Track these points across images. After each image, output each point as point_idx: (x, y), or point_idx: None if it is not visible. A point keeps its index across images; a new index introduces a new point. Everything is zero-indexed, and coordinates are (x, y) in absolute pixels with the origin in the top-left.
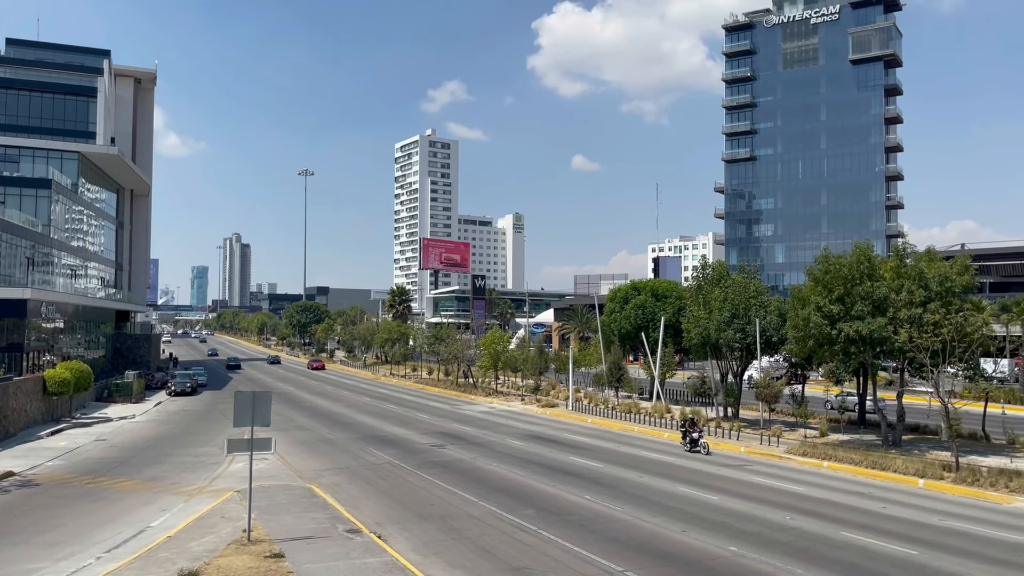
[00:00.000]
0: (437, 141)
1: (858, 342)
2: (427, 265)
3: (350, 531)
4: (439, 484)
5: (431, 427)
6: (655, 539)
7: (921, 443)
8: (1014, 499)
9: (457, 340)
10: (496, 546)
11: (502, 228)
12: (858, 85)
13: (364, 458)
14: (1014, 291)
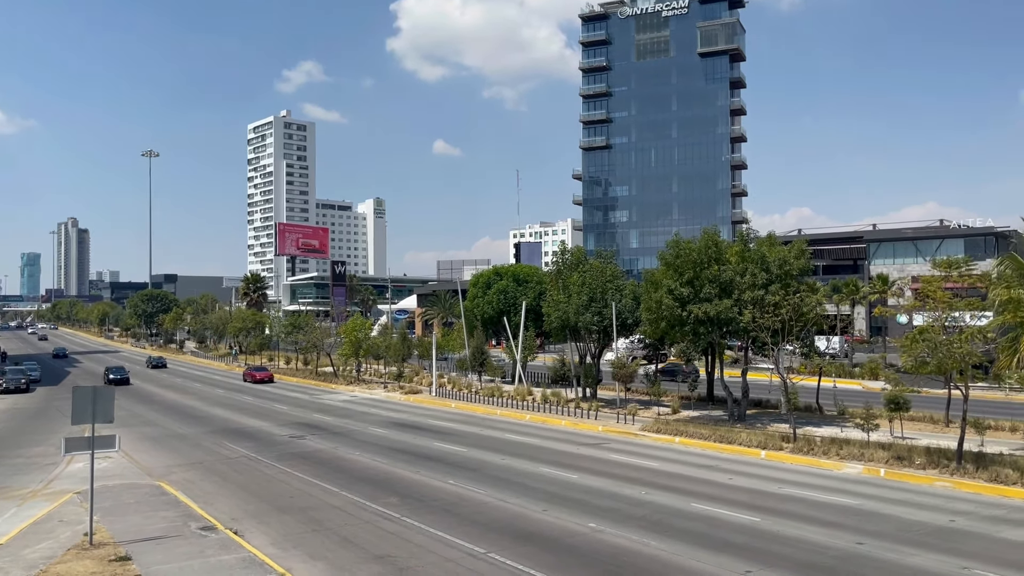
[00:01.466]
0: (292, 123)
1: (706, 323)
2: (283, 251)
3: (204, 528)
4: (299, 476)
5: (290, 418)
6: (518, 519)
7: (763, 417)
8: (844, 465)
9: (316, 328)
10: (359, 535)
11: (363, 213)
12: (706, 77)
13: (218, 452)
14: (844, 273)
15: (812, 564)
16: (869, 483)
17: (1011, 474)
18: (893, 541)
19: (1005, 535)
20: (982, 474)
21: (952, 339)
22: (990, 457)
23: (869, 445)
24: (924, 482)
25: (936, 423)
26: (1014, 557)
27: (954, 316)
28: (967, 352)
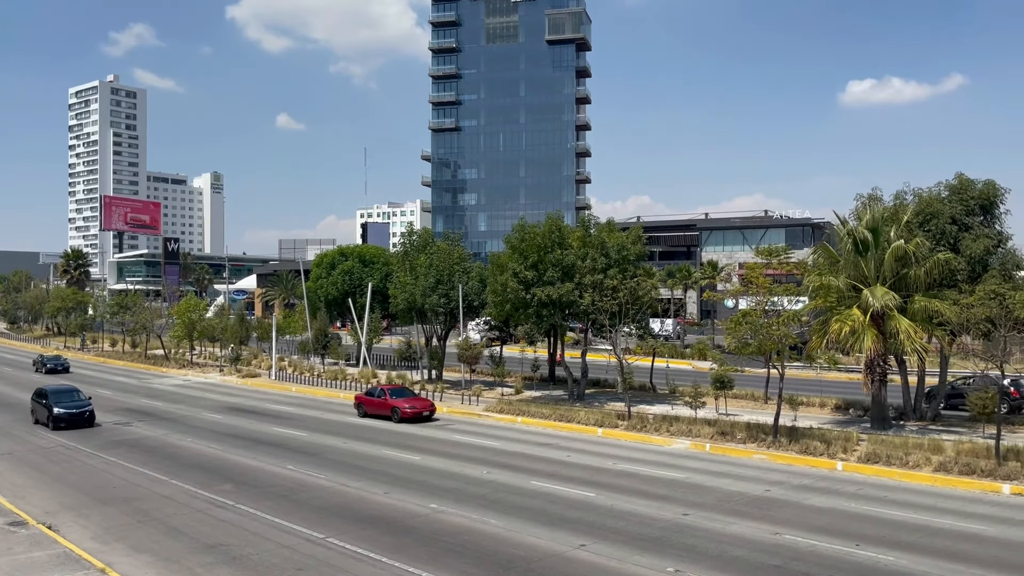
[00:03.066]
0: (121, 89)
1: (549, 305)
2: (110, 226)
3: (13, 524)
4: (124, 465)
5: (115, 403)
6: (359, 503)
7: (602, 396)
8: (673, 441)
9: (145, 308)
10: (189, 525)
11: (199, 188)
12: (553, 65)
13: (32, 442)
14: (678, 259)
15: (642, 535)
16: (696, 457)
17: (819, 446)
18: (715, 511)
19: (812, 502)
20: (794, 446)
21: (771, 322)
22: (802, 431)
23: (697, 422)
24: (744, 455)
25: (757, 400)
26: (819, 522)
27: (773, 301)
28: (784, 334)
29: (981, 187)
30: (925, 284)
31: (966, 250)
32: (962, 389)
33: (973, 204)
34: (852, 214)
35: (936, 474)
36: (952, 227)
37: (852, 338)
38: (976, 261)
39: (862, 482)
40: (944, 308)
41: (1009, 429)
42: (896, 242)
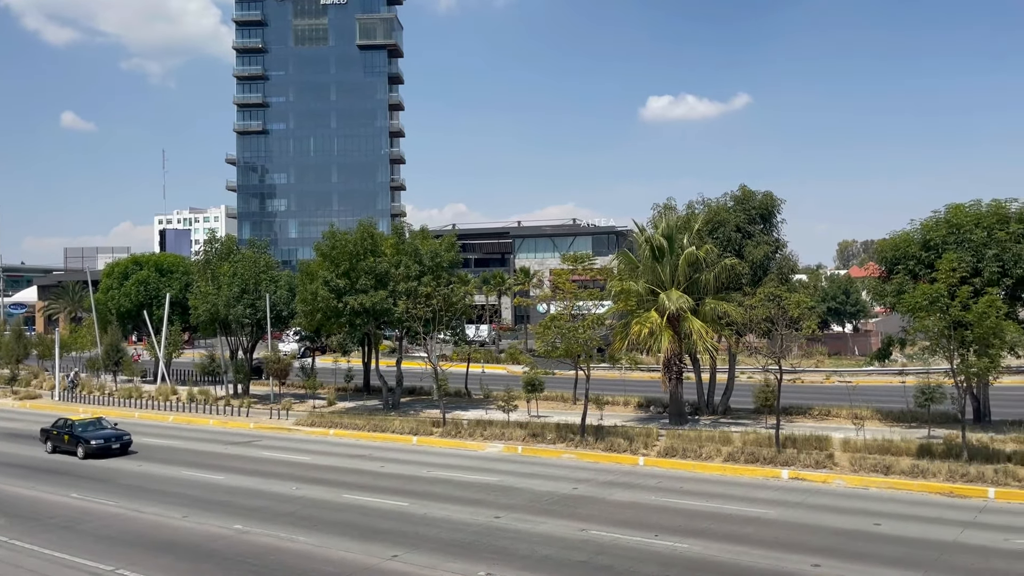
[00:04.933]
0: None
1: (363, 314)
2: None
3: None
4: None
5: None
6: (154, 529)
7: (417, 403)
8: (487, 445)
9: None
10: None
11: None
12: (365, 70)
13: None
14: (493, 266)
15: (455, 541)
16: (509, 460)
17: (623, 443)
18: (526, 512)
19: (616, 497)
20: (600, 445)
21: (577, 326)
22: (607, 429)
23: (509, 425)
24: (554, 455)
25: (566, 401)
26: (623, 516)
27: (579, 305)
28: (589, 337)
29: (761, 198)
30: (715, 287)
31: (749, 256)
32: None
33: (755, 213)
34: (650, 222)
35: (726, 464)
36: (737, 235)
37: (651, 339)
38: (758, 266)
39: (661, 475)
40: (730, 309)
41: (788, 419)
42: (689, 249)
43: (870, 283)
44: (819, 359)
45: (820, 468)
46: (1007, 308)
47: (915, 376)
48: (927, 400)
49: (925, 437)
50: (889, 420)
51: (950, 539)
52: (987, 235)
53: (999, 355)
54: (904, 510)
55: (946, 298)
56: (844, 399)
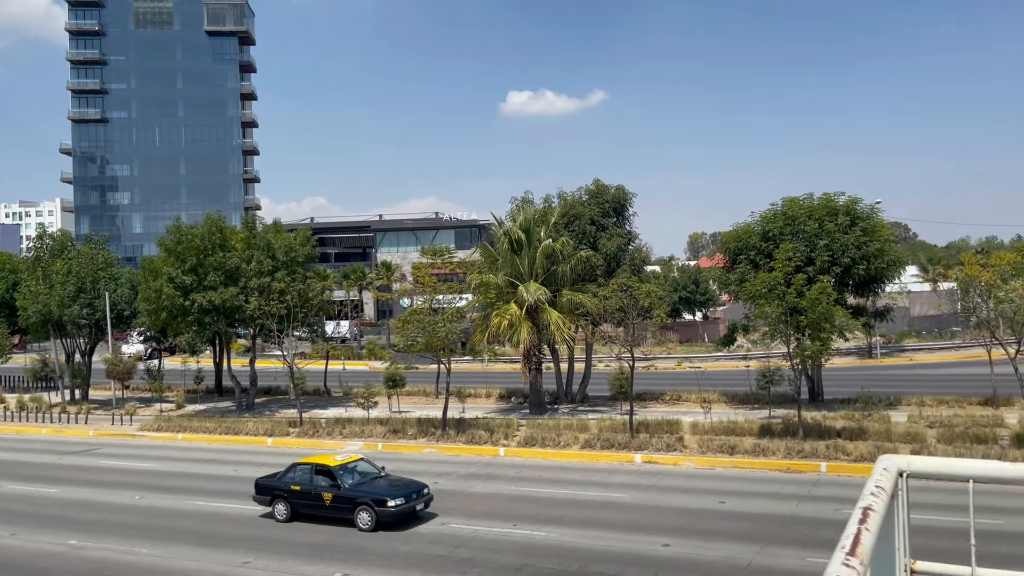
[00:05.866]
0: None
1: (212, 312)
2: None
3: None
4: None
5: None
6: None
7: (273, 404)
8: (346, 444)
9: None
10: None
11: None
12: (214, 57)
13: None
14: (354, 260)
15: (308, 543)
16: (369, 457)
17: (483, 434)
18: None
19: (477, 489)
20: (461, 437)
21: (437, 320)
22: (469, 421)
23: (370, 422)
24: (415, 451)
25: (429, 395)
26: (483, 508)
27: (439, 299)
28: (449, 330)
29: (614, 192)
30: (571, 279)
31: (603, 248)
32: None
33: (608, 207)
34: (508, 216)
35: (583, 451)
36: (592, 227)
37: (510, 331)
38: (611, 257)
39: (521, 465)
40: (586, 300)
41: (642, 405)
42: (546, 241)
43: (715, 273)
44: (671, 346)
45: (671, 451)
46: (836, 294)
47: (757, 360)
48: (767, 383)
49: (766, 418)
50: (734, 403)
51: (787, 513)
52: (819, 226)
53: (830, 338)
54: (747, 487)
55: (783, 286)
56: (694, 384)
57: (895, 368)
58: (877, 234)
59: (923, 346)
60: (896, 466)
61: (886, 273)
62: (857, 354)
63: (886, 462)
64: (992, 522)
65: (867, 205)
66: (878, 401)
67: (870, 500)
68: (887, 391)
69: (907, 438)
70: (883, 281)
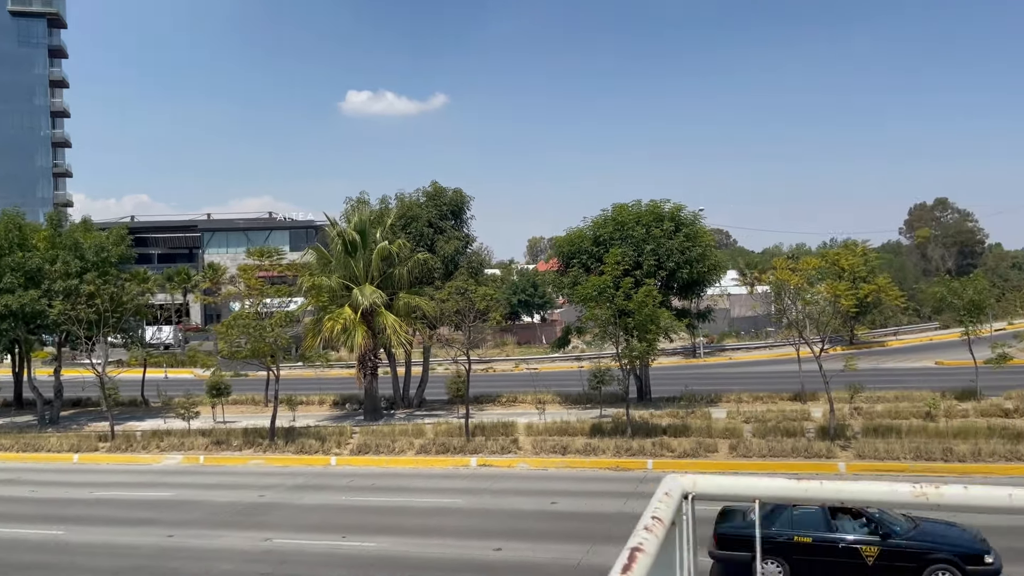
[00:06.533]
0: None
1: (9, 317)
2: None
3: None
4: None
5: None
6: None
7: (83, 416)
8: (164, 457)
9: None
10: None
11: None
12: (20, 40)
13: None
14: (180, 261)
15: (117, 569)
16: (188, 472)
17: (315, 443)
18: (204, 527)
19: (305, 501)
20: (291, 447)
21: (265, 324)
22: (299, 430)
23: (191, 433)
24: (240, 463)
25: (258, 404)
26: (311, 520)
27: (266, 302)
28: (277, 335)
29: (452, 194)
30: (408, 282)
31: (440, 250)
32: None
33: (446, 209)
34: (343, 217)
35: (418, 456)
36: (429, 230)
37: (344, 335)
38: (449, 260)
39: (354, 474)
40: (423, 303)
41: (479, 408)
42: (382, 243)
43: (550, 276)
44: (510, 348)
45: (506, 453)
46: (662, 297)
47: (590, 361)
48: (599, 383)
49: (598, 417)
50: (568, 403)
51: (615, 511)
52: (646, 232)
53: (656, 339)
54: (578, 487)
55: (612, 289)
56: (531, 385)
57: (717, 367)
58: (699, 240)
59: (741, 346)
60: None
61: (707, 277)
62: (683, 354)
63: (670, 484)
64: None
65: (690, 212)
66: (700, 399)
67: (641, 538)
68: (709, 389)
69: (726, 433)
70: (705, 284)
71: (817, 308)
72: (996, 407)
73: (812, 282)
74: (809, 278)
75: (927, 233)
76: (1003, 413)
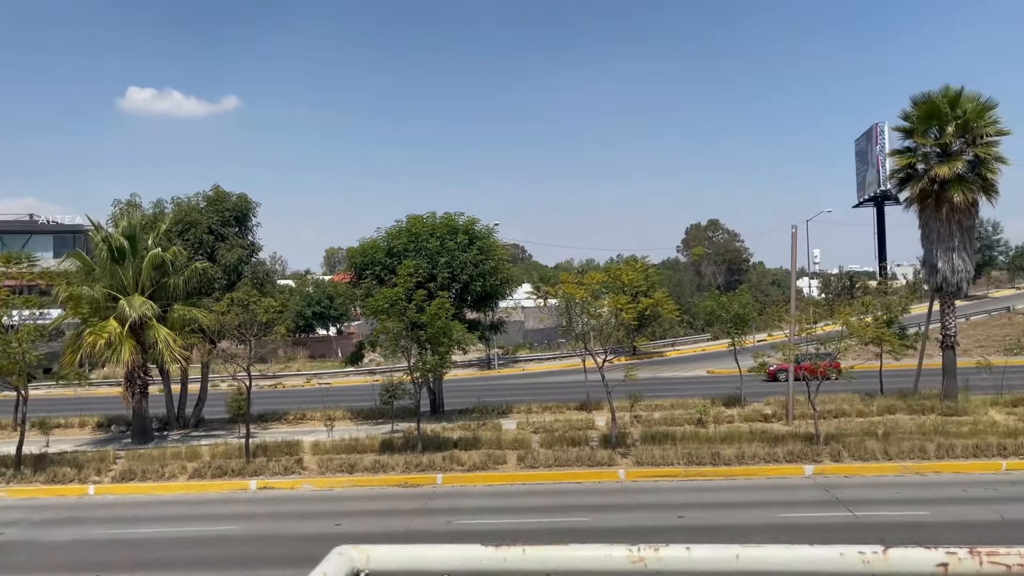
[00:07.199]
0: None
1: None
2: None
3: None
4: None
5: None
6: None
7: None
8: None
9: None
10: None
11: None
12: None
13: None
14: None
15: None
16: None
17: (70, 472)
18: None
19: (55, 537)
20: (40, 476)
21: (9, 338)
22: (53, 457)
23: None
24: None
25: (5, 428)
26: (60, 559)
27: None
28: (24, 351)
29: (236, 199)
30: (185, 293)
31: (222, 259)
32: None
33: (229, 215)
34: (110, 220)
35: (192, 481)
36: (210, 237)
37: (109, 351)
38: (232, 270)
39: (115, 503)
40: (200, 315)
41: (263, 426)
42: (154, 250)
43: (341, 288)
44: (302, 362)
45: (289, 474)
46: (455, 310)
47: (383, 375)
48: (391, 397)
49: (389, 432)
50: (359, 419)
51: (402, 528)
52: (440, 244)
53: (448, 352)
54: (365, 506)
55: (404, 301)
56: (321, 401)
57: (510, 378)
58: (492, 253)
59: (534, 357)
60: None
61: (500, 290)
62: (478, 365)
63: (335, 561)
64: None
65: (484, 226)
66: (492, 410)
67: None
68: (501, 400)
69: (515, 444)
70: (498, 297)
71: (601, 321)
72: (758, 412)
73: (597, 296)
74: (594, 292)
75: (701, 251)
76: (763, 418)
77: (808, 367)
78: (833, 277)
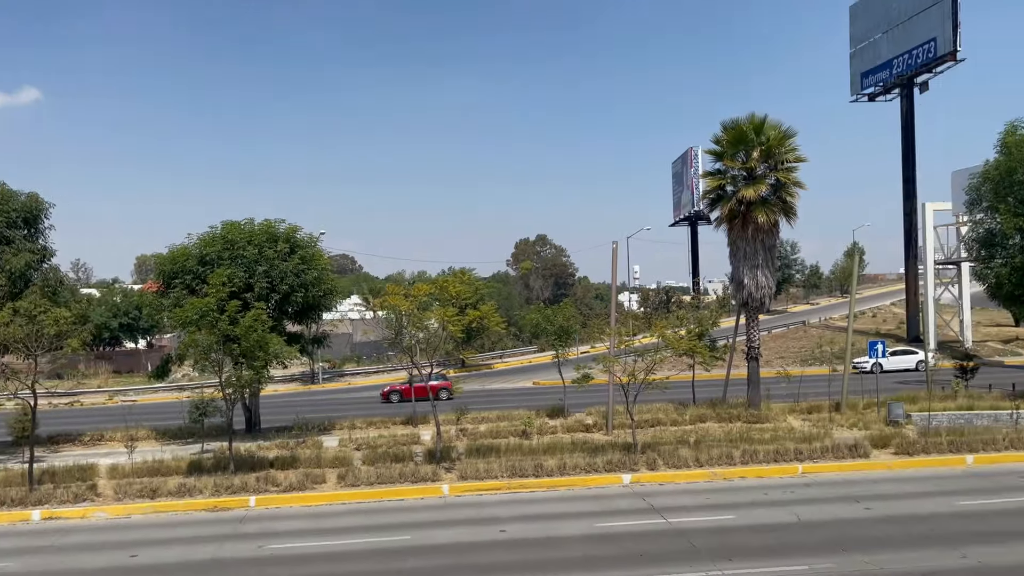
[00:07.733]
0: None
1: None
2: None
3: None
4: None
5: None
6: None
7: None
8: None
9: None
10: None
11: None
12: None
13: None
14: None
15: None
16: None
17: None
18: None
19: None
20: None
21: None
22: None
23: None
24: None
25: None
26: None
27: None
28: None
29: (24, 200)
30: None
31: (8, 265)
32: None
33: (16, 217)
34: None
35: None
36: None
37: None
38: (18, 277)
39: None
40: None
41: (54, 449)
42: None
43: (148, 297)
44: (104, 378)
45: (80, 502)
46: (273, 322)
47: (194, 391)
48: (201, 415)
49: (199, 452)
50: (166, 439)
51: (207, 557)
52: (258, 252)
53: (265, 366)
54: (166, 534)
55: (215, 312)
56: (124, 420)
57: (335, 392)
58: (315, 263)
59: (361, 370)
60: None
61: (324, 301)
62: (301, 380)
63: None
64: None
65: (307, 234)
66: (313, 427)
67: None
68: (324, 416)
69: (336, 462)
70: (321, 309)
71: (429, 333)
72: (579, 423)
73: (424, 308)
74: (421, 304)
75: (529, 265)
76: (585, 428)
77: (419, 387)
78: (651, 292)
